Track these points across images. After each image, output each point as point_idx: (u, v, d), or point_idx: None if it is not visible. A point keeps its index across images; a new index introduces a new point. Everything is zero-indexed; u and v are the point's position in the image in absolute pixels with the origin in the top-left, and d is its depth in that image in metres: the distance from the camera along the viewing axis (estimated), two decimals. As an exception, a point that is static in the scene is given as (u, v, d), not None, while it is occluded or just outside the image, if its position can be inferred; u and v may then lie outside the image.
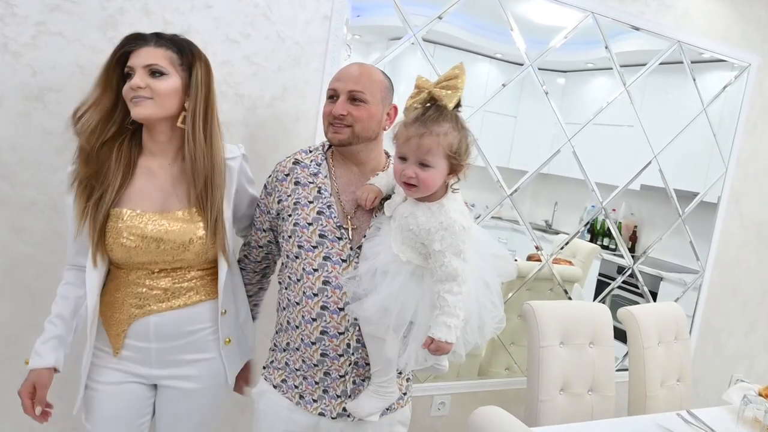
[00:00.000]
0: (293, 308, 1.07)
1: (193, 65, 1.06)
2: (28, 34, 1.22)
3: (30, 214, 1.29)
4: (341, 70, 1.12)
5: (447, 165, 0.94)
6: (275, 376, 1.11)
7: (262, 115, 1.46)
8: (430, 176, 0.93)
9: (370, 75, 1.08)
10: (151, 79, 1.02)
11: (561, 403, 1.55)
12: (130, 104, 1.03)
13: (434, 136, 0.91)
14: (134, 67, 1.02)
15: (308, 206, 1.06)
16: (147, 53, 1.03)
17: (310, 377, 1.07)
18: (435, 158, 0.92)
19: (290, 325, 1.08)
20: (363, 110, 1.05)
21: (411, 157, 0.93)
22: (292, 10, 1.45)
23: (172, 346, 1.09)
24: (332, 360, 1.05)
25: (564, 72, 2.07)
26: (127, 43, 1.04)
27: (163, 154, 1.09)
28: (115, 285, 1.08)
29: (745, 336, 2.54)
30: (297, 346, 1.07)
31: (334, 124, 1.06)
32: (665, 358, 1.75)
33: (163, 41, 1.05)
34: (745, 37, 2.19)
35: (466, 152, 0.95)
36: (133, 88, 1.01)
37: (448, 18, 1.66)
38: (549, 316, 1.57)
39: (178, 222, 1.06)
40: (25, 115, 1.25)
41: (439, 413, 1.91)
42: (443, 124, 0.91)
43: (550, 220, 2.23)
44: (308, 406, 1.07)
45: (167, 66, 1.03)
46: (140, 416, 1.11)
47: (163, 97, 1.03)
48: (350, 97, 1.05)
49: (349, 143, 1.07)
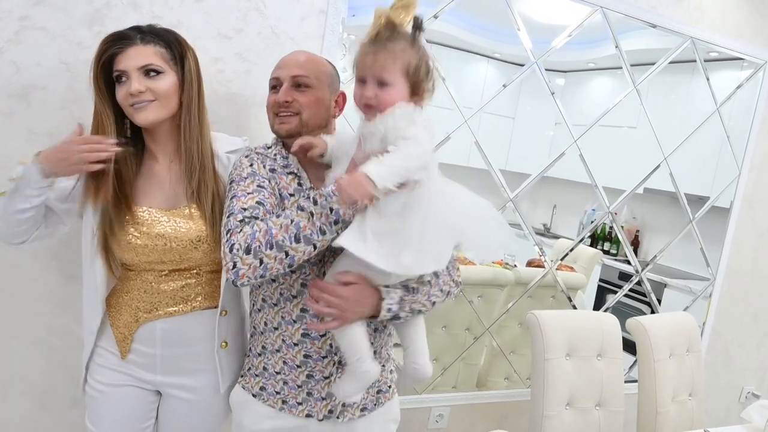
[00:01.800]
0: (270, 310, 1.01)
1: (184, 58, 1.02)
2: (12, 29, 1.18)
3: (12, 217, 1.24)
4: (283, 58, 1.06)
5: (407, 85, 0.89)
6: (252, 384, 1.05)
7: (255, 115, 1.40)
8: (389, 95, 0.88)
9: (314, 60, 1.04)
10: (148, 80, 0.98)
11: (567, 419, 1.49)
12: (130, 110, 0.99)
13: (389, 52, 0.87)
14: (127, 71, 0.97)
15: (289, 198, 1.00)
16: (137, 53, 0.97)
17: (291, 381, 1.01)
18: (392, 75, 0.88)
19: (267, 327, 1.02)
20: (309, 95, 1.00)
21: (368, 76, 0.89)
22: (286, 4, 1.39)
23: (177, 353, 1.07)
24: (315, 362, 1.00)
25: (564, 72, 2.02)
26: (110, 46, 0.98)
27: (164, 154, 1.07)
28: (125, 287, 1.06)
29: (756, 347, 2.45)
30: (277, 347, 1.01)
31: (279, 114, 1.01)
32: (677, 372, 1.67)
33: (149, 37, 1.00)
34: (762, 34, 2.10)
35: (427, 73, 0.91)
36: (134, 94, 0.96)
37: (444, 17, 1.60)
38: (554, 327, 1.50)
39: (184, 219, 1.04)
40: (8, 114, 1.21)
41: (437, 425, 1.85)
42: (399, 42, 0.88)
43: (549, 223, 2.18)
44: (293, 410, 1.02)
45: (161, 63, 0.99)
46: (144, 420, 1.10)
47: (166, 96, 0.99)
48: (294, 83, 1.00)
49: (298, 133, 1.00)
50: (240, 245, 0.87)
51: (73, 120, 1.25)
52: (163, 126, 1.04)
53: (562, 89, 1.99)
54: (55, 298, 1.29)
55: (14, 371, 1.30)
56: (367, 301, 0.92)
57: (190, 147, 1.03)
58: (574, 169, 1.89)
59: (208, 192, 1.03)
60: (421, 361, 1.04)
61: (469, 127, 1.68)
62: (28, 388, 1.31)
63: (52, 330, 1.30)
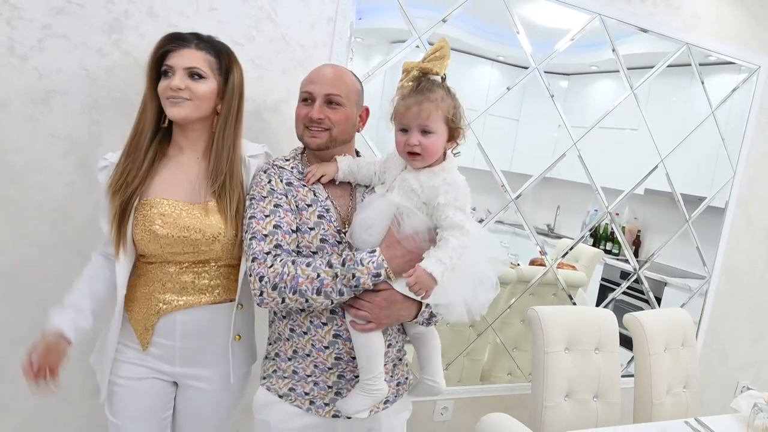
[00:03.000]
0: (297, 316, 1.05)
1: (230, 71, 1.10)
2: (35, 37, 1.23)
3: (35, 217, 1.29)
4: (314, 71, 1.10)
5: (446, 130, 0.98)
6: (280, 385, 1.08)
7: (267, 120, 1.45)
8: (433, 143, 0.97)
9: (344, 77, 1.09)
10: (190, 81, 1.05)
11: (566, 410, 1.54)
12: (166, 103, 1.06)
13: (432, 102, 0.95)
14: (174, 68, 1.05)
15: (307, 210, 1.05)
16: (188, 55, 1.05)
17: (322, 382, 1.05)
18: (435, 123, 0.96)
19: (295, 333, 1.06)
20: (340, 113, 1.06)
21: (413, 125, 0.96)
22: (296, 13, 1.44)
23: (195, 345, 1.11)
24: (347, 363, 1.04)
25: (567, 75, 2.06)
26: (167, 43, 1.06)
27: (192, 150, 1.12)
28: (144, 280, 1.10)
29: (751, 344, 2.51)
30: (307, 352, 1.05)
31: (310, 127, 1.06)
32: (672, 365, 1.73)
33: (204, 44, 1.08)
34: (756, 39, 2.16)
35: (460, 118, 0.99)
36: (173, 89, 1.03)
37: (451, 21, 1.65)
38: (554, 322, 1.56)
39: (206, 214, 1.08)
40: (31, 118, 1.25)
41: (441, 418, 1.90)
42: (438, 91, 0.97)
43: (552, 224, 2.22)
44: (320, 410, 1.05)
45: (206, 70, 1.06)
46: (163, 411, 1.14)
47: (201, 99, 1.06)
48: (327, 100, 1.06)
49: (326, 147, 1.07)
50: (269, 279, 0.97)
51: (93, 124, 1.31)
52: (196, 125, 1.10)
53: (566, 92, 2.03)
54: (75, 294, 1.34)
55: (36, 365, 1.35)
56: (404, 306, 1.00)
57: (221, 154, 1.08)
58: (578, 170, 1.94)
59: (234, 196, 1.08)
60: (438, 379, 1.13)
61: (472, 129, 1.73)
62: (49, 381, 1.36)
63: (72, 325, 1.35)
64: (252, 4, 1.39)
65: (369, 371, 1.00)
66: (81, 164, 1.30)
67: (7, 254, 1.28)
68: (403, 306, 0.99)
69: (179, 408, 1.17)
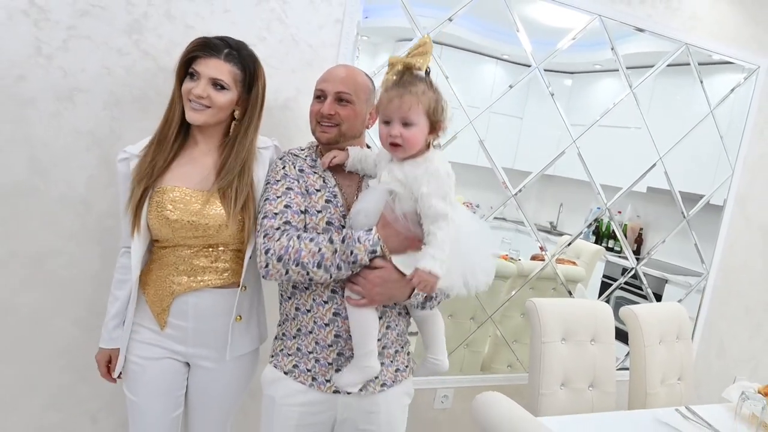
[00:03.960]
0: (301, 295, 1.12)
1: (253, 85, 1.17)
2: (60, 38, 1.30)
3: (60, 208, 1.37)
4: (328, 71, 1.18)
5: (427, 123, 1.02)
6: (285, 362, 1.15)
7: (277, 116, 1.52)
8: (413, 134, 1.01)
9: (355, 77, 1.15)
10: (212, 90, 1.12)
11: (561, 397, 1.59)
12: (187, 105, 1.13)
13: (413, 95, 1.00)
14: (200, 74, 1.11)
15: (316, 194, 1.12)
16: (216, 66, 1.11)
17: (323, 359, 1.11)
18: (416, 116, 1.00)
19: (299, 311, 1.13)
20: (349, 110, 1.13)
21: (394, 117, 1.01)
22: (305, 14, 1.51)
23: (205, 326, 1.18)
24: (345, 340, 1.10)
25: (571, 73, 2.09)
26: (198, 49, 1.12)
27: (206, 143, 1.20)
28: (159, 264, 1.18)
29: (749, 339, 2.55)
30: (309, 329, 1.12)
31: (321, 123, 1.13)
32: (666, 357, 1.78)
33: (232, 56, 1.13)
34: (756, 40, 2.20)
35: (442, 111, 1.03)
36: (195, 96, 1.11)
37: (456, 20, 1.70)
38: (551, 313, 1.61)
39: (214, 202, 1.14)
40: (56, 114, 1.33)
41: (442, 406, 1.97)
42: (419, 85, 1.01)
43: (555, 221, 2.24)
44: (321, 386, 1.11)
45: (229, 82, 1.13)
46: (178, 389, 1.22)
47: (220, 108, 1.14)
48: (337, 97, 1.12)
49: (336, 141, 1.14)
50: (274, 252, 1.04)
51: (113, 120, 1.38)
52: (212, 125, 1.17)
53: (570, 90, 2.05)
54: (95, 281, 1.42)
55: (58, 347, 1.43)
56: (398, 285, 1.05)
57: (235, 154, 1.15)
58: (581, 168, 1.98)
59: (241, 194, 1.14)
60: (441, 357, 1.19)
61: (473, 127, 1.78)
62: (69, 362, 1.44)
63: (92, 310, 1.42)
64: (264, 7, 1.46)
65: (361, 347, 1.06)
66: (102, 159, 1.38)
67: (35, 242, 1.36)
68: (396, 286, 1.05)
69: (191, 387, 1.24)
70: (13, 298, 1.37)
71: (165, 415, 1.20)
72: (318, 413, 1.13)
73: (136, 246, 1.15)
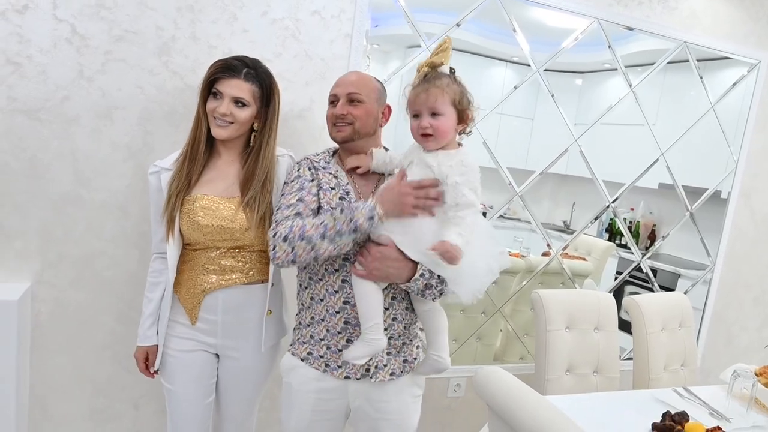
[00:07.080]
0: (315, 285, 1.20)
1: (270, 100, 1.28)
2: (99, 62, 1.44)
3: (101, 215, 1.52)
4: (339, 78, 1.28)
5: (455, 113, 1.09)
6: (301, 350, 1.23)
7: (293, 125, 1.64)
8: (443, 123, 1.08)
9: (364, 79, 1.26)
10: (234, 107, 1.24)
11: (567, 383, 1.67)
12: (213, 122, 1.25)
13: (438, 87, 1.08)
14: (223, 94, 1.23)
15: (330, 192, 1.20)
16: (237, 86, 1.23)
17: (333, 345, 1.19)
18: (444, 106, 1.08)
19: (314, 301, 1.21)
20: (361, 109, 1.21)
21: (423, 110, 1.09)
22: (317, 31, 1.63)
23: (233, 319, 1.28)
24: (354, 327, 1.17)
25: (582, 73, 2.11)
26: (219, 71, 1.24)
27: (228, 153, 1.31)
28: (190, 265, 1.30)
29: (757, 330, 2.58)
30: (322, 317, 1.20)
31: (336, 123, 1.23)
32: (669, 344, 1.83)
33: (251, 76, 1.25)
34: (755, 35, 2.24)
35: (468, 102, 1.11)
36: (220, 114, 1.23)
37: (465, 25, 1.77)
38: (555, 303, 1.69)
39: (239, 208, 1.25)
40: (96, 130, 1.48)
41: (455, 394, 2.06)
42: (443, 79, 1.09)
43: (569, 220, 2.27)
44: (334, 372, 1.19)
45: (249, 99, 1.25)
46: (209, 378, 1.33)
47: (242, 123, 1.26)
48: (348, 99, 1.21)
49: (351, 139, 1.22)
50: (280, 233, 1.11)
51: (147, 133, 1.53)
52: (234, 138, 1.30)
53: (581, 89, 2.09)
54: (133, 280, 1.55)
55: (104, 341, 1.58)
56: (396, 265, 1.11)
57: (255, 162, 1.27)
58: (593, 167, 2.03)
59: (263, 204, 1.26)
60: (443, 354, 1.23)
61: (477, 129, 1.87)
62: (114, 354, 1.59)
63: (132, 306, 1.56)
64: (279, 25, 1.59)
65: (367, 320, 1.12)
66: (137, 169, 1.52)
67: (81, 246, 1.51)
68: (394, 264, 1.11)
69: (220, 377, 1.36)
70: (65, 297, 1.52)
71: (198, 402, 1.32)
72: (331, 400, 1.21)
73: (172, 251, 1.27)
